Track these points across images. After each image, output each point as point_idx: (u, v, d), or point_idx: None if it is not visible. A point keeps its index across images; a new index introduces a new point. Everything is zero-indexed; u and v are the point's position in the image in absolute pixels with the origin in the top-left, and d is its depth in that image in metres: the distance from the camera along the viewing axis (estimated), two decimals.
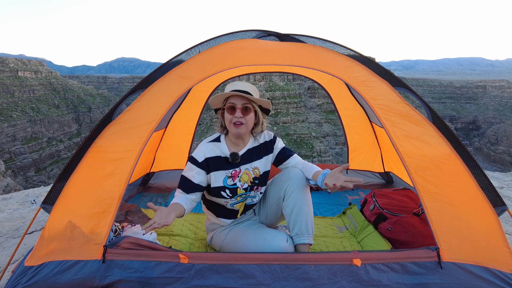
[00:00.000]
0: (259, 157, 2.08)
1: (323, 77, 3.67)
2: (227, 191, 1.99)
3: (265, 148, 2.11)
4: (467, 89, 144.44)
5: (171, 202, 1.89)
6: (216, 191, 1.99)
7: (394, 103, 2.07)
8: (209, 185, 2.01)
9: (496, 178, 5.17)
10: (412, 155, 1.93)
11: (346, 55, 2.27)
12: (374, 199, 2.73)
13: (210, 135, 2.12)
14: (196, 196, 1.98)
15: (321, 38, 2.32)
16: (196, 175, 1.95)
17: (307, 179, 2.02)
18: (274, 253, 1.79)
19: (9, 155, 76.15)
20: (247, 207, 2.13)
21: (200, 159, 1.96)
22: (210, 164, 1.97)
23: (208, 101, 1.99)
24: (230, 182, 1.99)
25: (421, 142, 1.97)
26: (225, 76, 3.43)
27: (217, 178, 1.98)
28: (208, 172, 1.98)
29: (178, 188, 1.98)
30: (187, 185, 1.95)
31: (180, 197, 1.93)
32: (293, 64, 2.25)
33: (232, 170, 2.00)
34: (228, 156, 1.99)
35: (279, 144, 2.14)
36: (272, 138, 2.15)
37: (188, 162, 1.99)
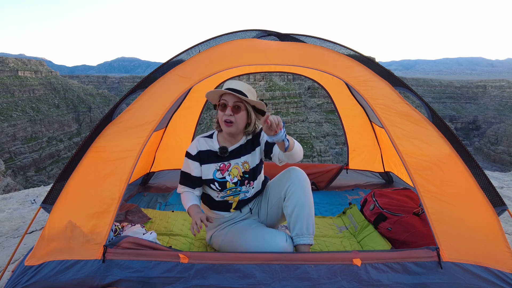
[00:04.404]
0: (248, 151, 2.11)
1: (323, 77, 3.67)
2: (216, 184, 2.04)
3: (252, 142, 2.13)
4: (467, 89, 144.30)
5: (189, 205, 1.98)
6: (206, 184, 2.08)
7: (394, 103, 2.07)
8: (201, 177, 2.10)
9: (496, 178, 5.17)
10: (412, 154, 1.93)
11: (346, 55, 2.26)
12: (374, 199, 2.73)
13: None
14: (199, 192, 2.11)
15: (321, 38, 2.32)
16: (194, 169, 2.06)
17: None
18: (274, 253, 1.79)
19: (9, 154, 76.15)
20: (242, 203, 2.14)
21: (193, 152, 2.06)
22: (202, 157, 2.06)
23: (205, 94, 2.02)
24: (219, 175, 2.05)
25: (421, 142, 1.97)
26: (225, 76, 3.43)
27: (208, 171, 2.06)
28: (201, 164, 2.07)
29: (181, 184, 2.09)
30: (190, 181, 2.06)
31: (191, 196, 2.05)
32: (293, 64, 2.25)
33: (220, 163, 2.06)
34: (218, 151, 2.05)
35: (265, 135, 2.11)
36: (258, 131, 2.15)
37: (185, 158, 2.08)
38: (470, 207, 1.88)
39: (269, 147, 2.09)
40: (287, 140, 1.76)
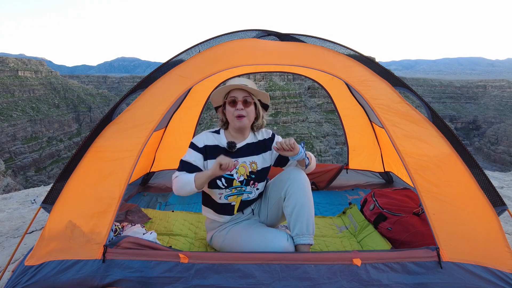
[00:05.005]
0: (258, 153, 2.12)
1: (323, 76, 3.67)
2: (223, 180, 2.02)
3: (264, 145, 2.15)
4: (467, 89, 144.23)
5: (193, 175, 1.87)
6: (213, 179, 2.01)
7: (394, 103, 2.07)
8: None
9: (496, 178, 5.17)
10: (412, 154, 1.93)
11: (346, 54, 2.27)
12: (374, 198, 2.73)
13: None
14: None
15: (321, 37, 2.32)
16: (197, 160, 2.00)
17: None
18: (274, 253, 1.79)
19: (9, 154, 76.13)
20: (244, 204, 2.13)
21: (199, 144, 2.02)
22: (208, 152, 2.03)
23: (209, 97, 2.04)
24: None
25: (421, 142, 1.97)
26: (225, 75, 3.43)
27: None
28: (205, 159, 2.03)
29: (179, 171, 1.96)
30: (191, 169, 1.96)
31: (189, 175, 1.91)
32: (293, 64, 2.25)
33: None
34: (226, 145, 2.04)
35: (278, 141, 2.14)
36: (270, 136, 2.19)
37: (189, 148, 2.04)
38: (470, 207, 1.88)
39: (285, 157, 2.10)
40: (307, 158, 2.00)
